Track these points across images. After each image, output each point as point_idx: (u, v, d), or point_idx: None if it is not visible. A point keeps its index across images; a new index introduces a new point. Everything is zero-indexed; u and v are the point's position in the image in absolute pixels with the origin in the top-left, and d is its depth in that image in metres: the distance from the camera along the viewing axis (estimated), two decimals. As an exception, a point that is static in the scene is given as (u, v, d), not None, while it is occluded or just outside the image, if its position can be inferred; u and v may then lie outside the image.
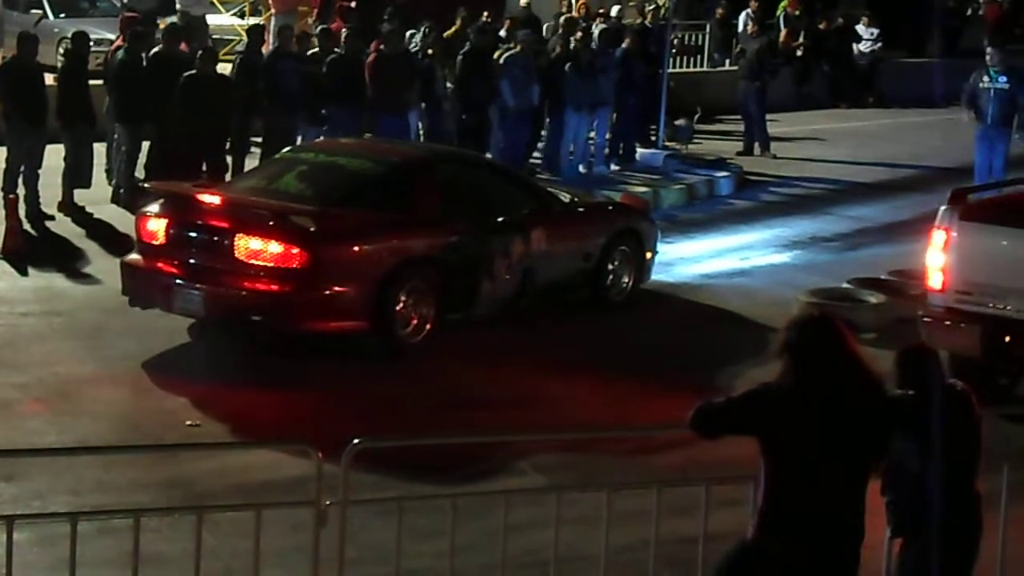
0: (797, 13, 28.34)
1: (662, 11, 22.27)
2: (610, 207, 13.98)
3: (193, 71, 14.94)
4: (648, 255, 13.36)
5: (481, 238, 11.98)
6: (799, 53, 27.38)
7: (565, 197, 13.32)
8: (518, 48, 18.02)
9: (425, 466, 8.28)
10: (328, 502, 6.10)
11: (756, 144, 21.79)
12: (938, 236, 10.26)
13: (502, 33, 19.80)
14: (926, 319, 10.28)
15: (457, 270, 11.67)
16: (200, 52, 15.34)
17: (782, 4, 29.01)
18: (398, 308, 11.24)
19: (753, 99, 21.77)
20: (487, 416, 9.92)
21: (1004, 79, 17.52)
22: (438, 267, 11.57)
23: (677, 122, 21.40)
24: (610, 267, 13.00)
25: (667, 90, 20.39)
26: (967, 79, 18.54)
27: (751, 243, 15.94)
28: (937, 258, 10.28)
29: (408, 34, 18.11)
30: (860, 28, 28.79)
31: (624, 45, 19.70)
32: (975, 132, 17.85)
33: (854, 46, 28.40)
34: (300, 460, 7.35)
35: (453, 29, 18.79)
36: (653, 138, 20.55)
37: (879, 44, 28.56)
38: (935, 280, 10.32)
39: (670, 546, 7.08)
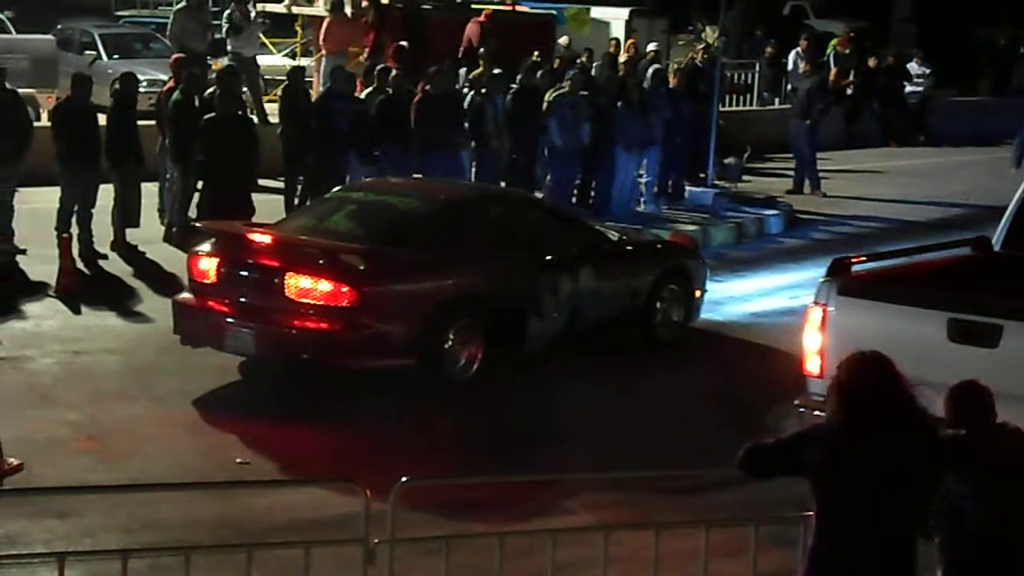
0: (847, 52, 28.34)
1: (713, 49, 22.29)
2: (659, 245, 13.98)
3: (213, 114, 14.92)
4: (697, 294, 13.34)
5: (530, 276, 12.00)
6: (849, 91, 27.34)
7: (614, 236, 13.34)
8: (567, 87, 18.09)
9: (473, 505, 8.27)
10: (376, 540, 6.11)
11: (806, 182, 21.75)
12: (814, 314, 8.78)
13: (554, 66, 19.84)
14: (801, 409, 8.75)
15: (506, 308, 11.69)
16: (218, 93, 15.34)
17: (832, 43, 29.02)
18: (446, 346, 11.26)
19: (804, 138, 21.74)
20: (535, 454, 9.91)
21: None
22: (486, 305, 11.59)
23: (727, 160, 21.39)
24: (659, 305, 12.99)
25: (717, 128, 20.40)
26: (1019, 117, 18.33)
27: (801, 282, 15.86)
28: (814, 339, 8.77)
29: (463, 72, 18.19)
30: (912, 66, 28.72)
31: (672, 84, 19.75)
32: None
33: (905, 84, 28.33)
34: (348, 498, 7.35)
35: (478, 71, 18.86)
36: (703, 176, 20.55)
37: (930, 82, 28.48)
38: (812, 364, 8.79)
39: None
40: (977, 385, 6.00)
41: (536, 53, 20.30)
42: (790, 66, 27.23)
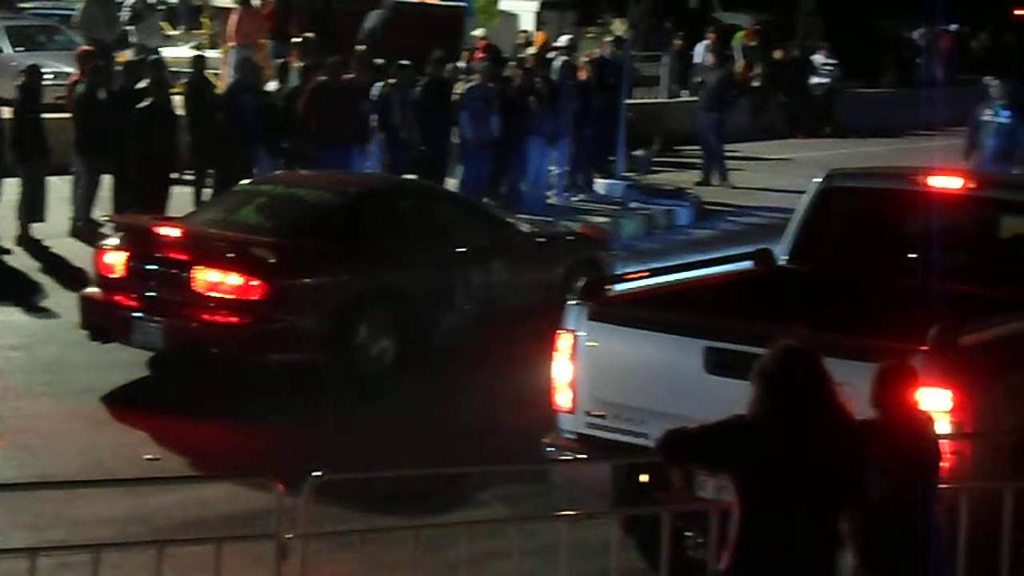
0: (754, 44, 28.61)
1: (623, 42, 22.38)
2: (570, 237, 14.02)
3: (145, 104, 14.85)
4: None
5: (442, 269, 11.98)
6: (756, 84, 27.60)
7: (525, 228, 13.35)
8: (477, 80, 18.08)
9: (387, 498, 8.25)
10: (289, 535, 6.07)
11: (714, 174, 21.93)
12: (563, 341, 7.79)
13: (461, 64, 19.86)
14: (550, 448, 7.93)
15: (418, 301, 11.66)
16: (150, 84, 15.24)
17: (739, 35, 29.30)
18: (358, 339, 11.22)
19: (712, 130, 21.93)
20: (449, 447, 9.91)
21: (1007, 113, 17.00)
22: (398, 298, 11.56)
23: (635, 153, 21.53)
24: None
25: (625, 121, 20.50)
26: (921, 108, 18.49)
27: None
28: (564, 369, 7.80)
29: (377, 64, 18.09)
30: (817, 59, 29.05)
31: (582, 77, 19.82)
32: (974, 165, 17.05)
33: (811, 77, 28.65)
34: (261, 493, 7.31)
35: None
36: (612, 169, 20.64)
37: (836, 74, 28.82)
38: (562, 398, 7.83)
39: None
40: (906, 367, 6.04)
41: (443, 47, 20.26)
42: (697, 59, 27.45)
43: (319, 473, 6.17)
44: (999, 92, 17.35)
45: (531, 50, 20.62)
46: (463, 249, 12.27)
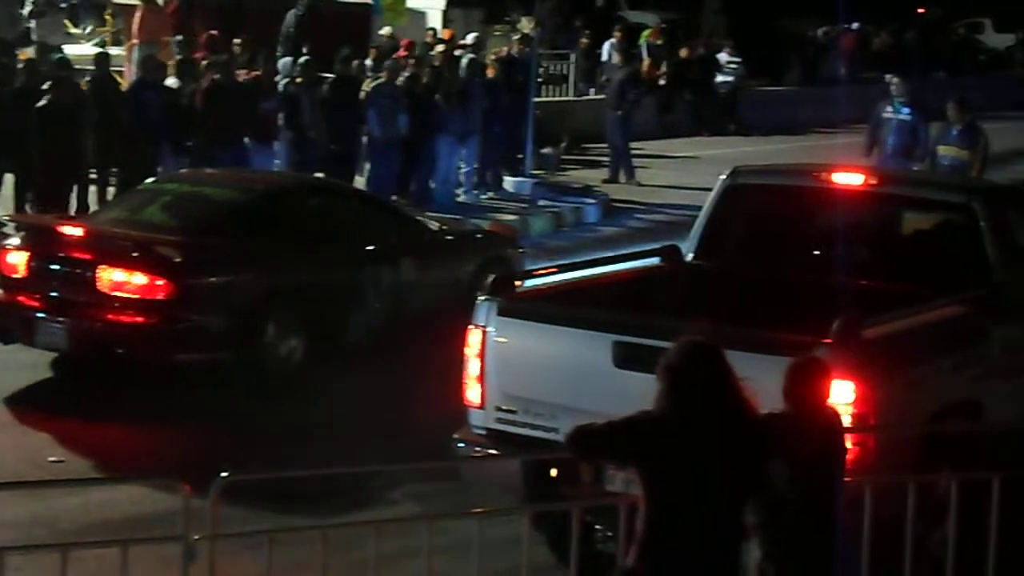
0: (659, 43, 28.80)
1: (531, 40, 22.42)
2: (479, 235, 14.03)
3: (44, 102, 14.62)
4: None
5: (350, 267, 11.94)
6: (662, 82, 27.79)
7: (434, 226, 13.35)
8: (384, 78, 18.04)
9: (297, 498, 8.21)
10: (196, 537, 6.03)
11: (621, 172, 22.06)
12: (473, 337, 7.82)
13: (368, 62, 19.79)
14: (460, 445, 7.97)
15: (326, 299, 11.61)
16: (52, 82, 15.02)
17: (644, 34, 29.47)
18: (266, 338, 11.14)
19: (618, 128, 22.04)
20: (360, 446, 9.87)
21: (907, 110, 17.11)
22: (306, 297, 11.50)
23: (544, 150, 21.60)
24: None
25: (534, 119, 20.56)
26: (824, 106, 18.71)
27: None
28: (474, 365, 7.84)
29: (283, 63, 17.98)
30: (722, 57, 29.31)
31: (490, 75, 19.84)
32: (875, 162, 17.09)
33: (716, 75, 28.91)
34: (167, 495, 7.23)
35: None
36: (521, 167, 20.68)
37: (740, 73, 29.10)
38: (473, 394, 7.87)
39: (543, 572, 7.12)
40: (815, 362, 6.10)
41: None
42: (604, 57, 27.59)
43: (226, 474, 6.13)
44: (900, 89, 17.60)
45: (438, 48, 20.58)
46: (372, 247, 12.24)
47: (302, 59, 17.54)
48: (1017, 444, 8.24)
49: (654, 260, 9.43)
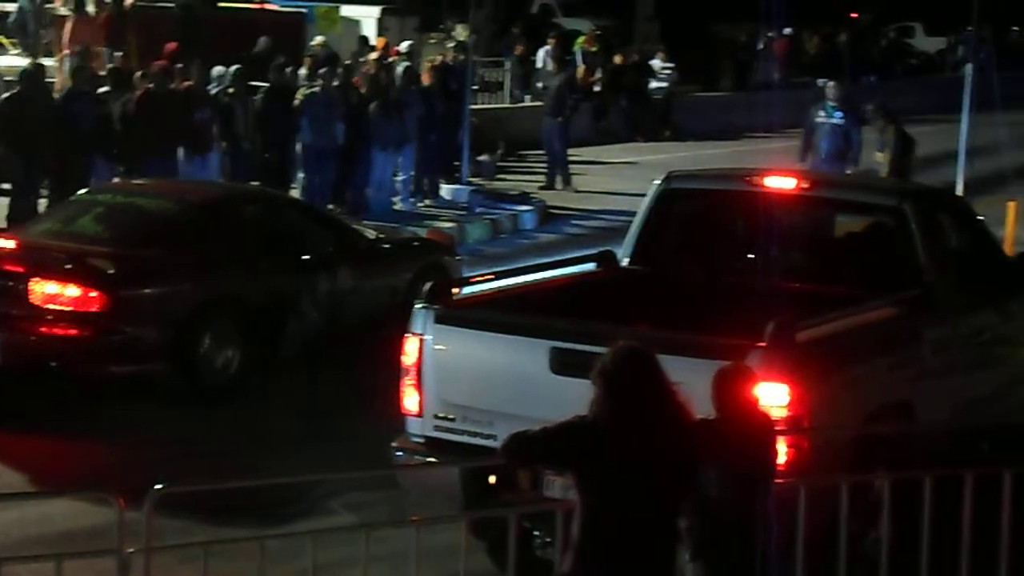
0: (594, 49, 28.90)
1: (466, 48, 22.45)
2: (416, 243, 14.01)
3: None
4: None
5: (286, 277, 11.89)
6: (597, 88, 27.88)
7: (371, 234, 13.32)
8: (319, 86, 18.00)
9: (233, 510, 8.16)
10: (131, 550, 5.98)
11: (558, 178, 22.12)
12: (410, 345, 7.80)
13: (303, 71, 19.75)
14: (398, 453, 7.94)
15: (262, 310, 11.56)
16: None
17: (579, 40, 29.58)
18: (202, 350, 11.08)
19: (556, 135, 22.10)
20: (297, 456, 9.83)
21: (840, 115, 17.32)
22: (242, 307, 11.44)
23: (480, 158, 21.61)
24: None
25: (470, 126, 20.57)
26: (757, 111, 18.81)
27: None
28: (411, 373, 7.83)
29: (218, 72, 17.90)
30: (655, 63, 29.46)
31: (426, 83, 19.84)
32: (809, 166, 17.29)
33: (650, 81, 29.05)
34: (102, 508, 7.18)
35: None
36: (457, 174, 20.69)
37: (674, 78, 29.26)
38: (410, 402, 7.86)
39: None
40: (741, 368, 6.14)
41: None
42: (539, 64, 27.66)
43: (160, 486, 6.09)
44: (833, 94, 17.76)
45: (373, 56, 20.57)
46: (308, 256, 12.20)
47: (233, 68, 17.45)
48: (948, 444, 8.36)
49: (590, 266, 9.47)
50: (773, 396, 6.80)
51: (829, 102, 17.66)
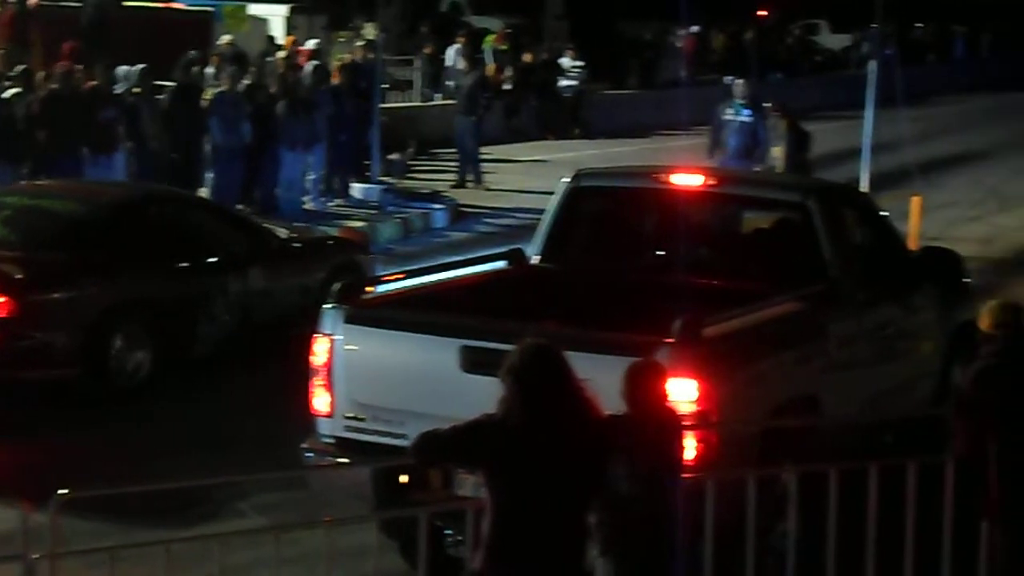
0: (504, 48, 28.94)
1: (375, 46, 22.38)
2: (329, 242, 13.97)
3: None
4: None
5: (197, 278, 11.81)
6: (507, 87, 27.92)
7: (283, 233, 13.27)
8: (226, 85, 17.87)
9: (140, 513, 8.09)
10: (36, 555, 5.91)
11: (469, 176, 22.13)
12: (320, 345, 7.79)
13: (209, 70, 19.60)
14: (308, 454, 7.91)
15: (173, 311, 11.47)
16: None
17: (488, 39, 29.60)
18: (113, 353, 10.97)
19: (469, 133, 22.12)
20: (208, 458, 9.76)
21: (748, 112, 17.50)
22: (153, 309, 11.35)
23: (391, 157, 21.56)
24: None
25: (380, 125, 20.53)
26: (665, 109, 18.93)
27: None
28: (321, 374, 7.81)
29: (123, 71, 17.71)
30: (565, 61, 29.56)
31: (335, 81, 19.76)
32: (717, 163, 17.42)
33: (559, 79, 29.13)
34: (7, 513, 7.09)
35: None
36: (368, 173, 20.63)
37: (583, 77, 29.38)
38: (320, 402, 7.83)
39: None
40: (653, 364, 6.18)
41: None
42: (449, 62, 27.66)
43: (64, 491, 6.02)
44: (740, 91, 17.94)
45: (281, 55, 20.44)
46: (219, 257, 12.12)
47: (138, 68, 17.27)
48: (854, 437, 8.47)
49: (500, 264, 9.49)
50: (681, 391, 6.85)
51: (737, 100, 17.84)
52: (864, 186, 17.73)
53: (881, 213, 10.18)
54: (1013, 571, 6.65)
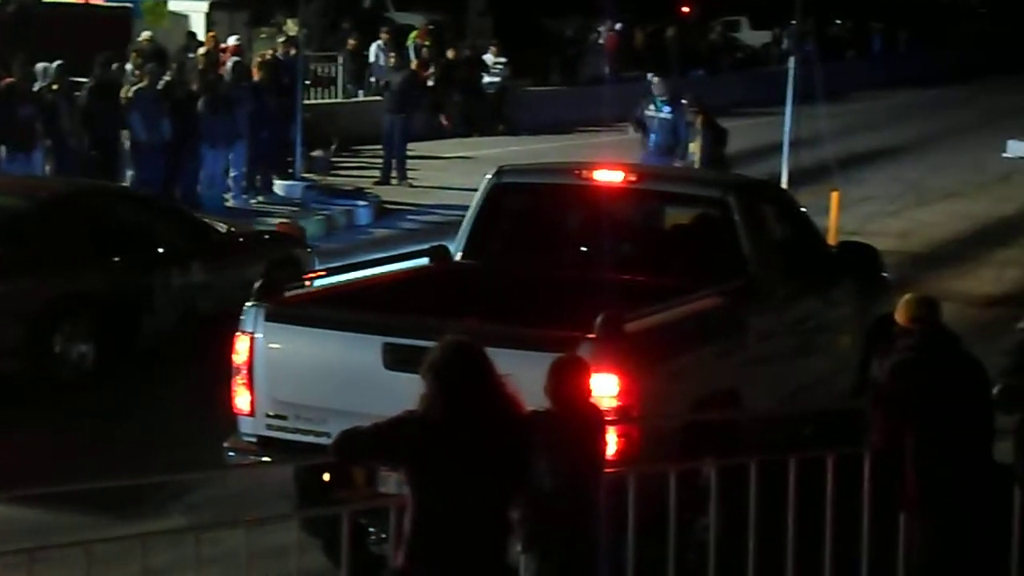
0: (427, 44, 28.87)
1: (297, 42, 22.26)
2: (266, 236, 13.99)
3: None
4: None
5: (139, 272, 11.82)
6: (430, 83, 27.88)
7: (222, 227, 13.29)
8: (146, 82, 17.71)
9: (66, 513, 8.01)
10: (-49, 559, 5.84)
11: (393, 173, 22.08)
12: (241, 344, 7.76)
13: (129, 66, 19.40)
14: (231, 453, 7.87)
15: (115, 305, 11.48)
16: None
17: (412, 35, 29.52)
18: (56, 346, 10.99)
19: (398, 130, 22.05)
20: (142, 456, 9.68)
21: (668, 109, 17.64)
22: (96, 303, 11.34)
23: (314, 153, 21.47)
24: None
25: (302, 122, 20.43)
26: (588, 105, 19.01)
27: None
28: (242, 372, 7.78)
29: (41, 68, 17.50)
30: (488, 58, 29.56)
31: (256, 78, 19.64)
32: (639, 159, 17.58)
33: (483, 75, 29.14)
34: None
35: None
36: (290, 170, 20.53)
37: (506, 73, 29.40)
38: (242, 401, 7.80)
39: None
40: (577, 359, 6.19)
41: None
42: (372, 58, 27.57)
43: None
44: (660, 88, 18.08)
45: (201, 51, 20.28)
46: (160, 250, 12.15)
47: (56, 64, 17.07)
48: (774, 430, 8.55)
49: (423, 261, 9.48)
50: (603, 387, 6.88)
51: (657, 97, 17.97)
52: (784, 182, 17.91)
53: (800, 208, 10.28)
54: (930, 563, 6.74)
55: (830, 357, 9.69)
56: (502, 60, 29.38)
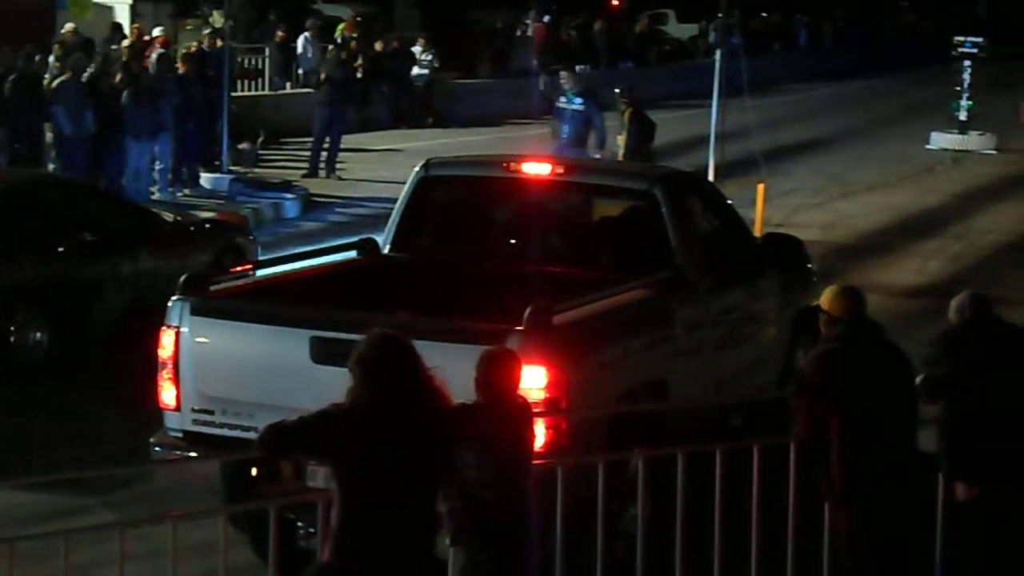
0: (355, 36, 28.76)
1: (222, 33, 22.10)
2: (209, 225, 13.99)
3: None
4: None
5: (88, 260, 11.80)
6: (359, 76, 27.77)
7: (169, 217, 13.37)
8: (69, 74, 17.52)
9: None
10: None
11: (321, 166, 21.98)
12: (166, 338, 7.71)
13: (52, 59, 19.19)
14: (157, 449, 7.85)
15: (65, 294, 11.49)
16: None
17: (340, 27, 29.40)
18: (10, 334, 11.05)
19: (334, 123, 21.94)
20: (78, 451, 9.61)
21: (579, 101, 17.76)
22: (44, 293, 11.34)
23: (241, 146, 21.32)
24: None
25: (229, 114, 20.28)
26: (516, 97, 19.05)
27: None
28: (168, 367, 7.73)
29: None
30: (416, 50, 29.50)
31: (181, 70, 19.49)
32: (553, 151, 17.38)
33: (411, 68, 29.07)
34: None
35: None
36: (217, 162, 20.38)
37: (434, 65, 29.35)
38: (168, 396, 7.75)
39: (244, 573, 7.07)
40: (506, 352, 6.20)
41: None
42: (300, 50, 27.43)
43: None
44: (569, 82, 18.26)
45: (125, 43, 20.09)
46: (110, 239, 12.11)
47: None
48: (701, 421, 8.60)
49: (351, 254, 9.45)
50: (531, 378, 6.89)
51: (568, 90, 18.13)
52: (711, 174, 18.03)
53: (727, 200, 10.34)
54: (855, 550, 6.81)
55: (756, 348, 9.76)
56: (430, 52, 29.32)
